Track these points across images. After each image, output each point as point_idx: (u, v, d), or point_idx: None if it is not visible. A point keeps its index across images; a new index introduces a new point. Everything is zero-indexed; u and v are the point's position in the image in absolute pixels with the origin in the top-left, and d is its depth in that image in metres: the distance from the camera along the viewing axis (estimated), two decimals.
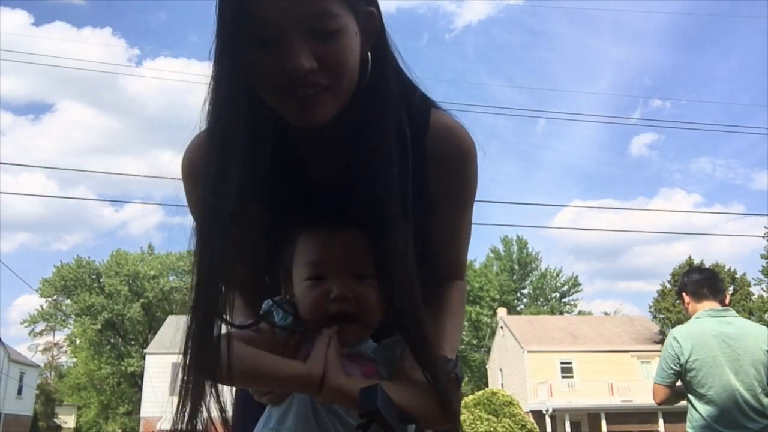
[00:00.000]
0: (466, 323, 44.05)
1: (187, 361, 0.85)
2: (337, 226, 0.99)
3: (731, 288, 30.91)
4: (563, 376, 30.40)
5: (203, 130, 0.96)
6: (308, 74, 0.87)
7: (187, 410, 0.85)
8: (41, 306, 44.76)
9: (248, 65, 0.89)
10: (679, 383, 3.30)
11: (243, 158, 0.90)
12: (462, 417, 21.08)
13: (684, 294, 3.45)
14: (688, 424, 3.26)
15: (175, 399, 0.86)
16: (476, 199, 1.14)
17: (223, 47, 0.90)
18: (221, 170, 0.89)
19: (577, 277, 51.91)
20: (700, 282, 3.41)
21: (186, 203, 1.10)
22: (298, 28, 0.87)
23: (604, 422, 27.74)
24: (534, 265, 51.95)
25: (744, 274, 32.97)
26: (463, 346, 45.74)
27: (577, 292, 51.48)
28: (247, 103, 0.90)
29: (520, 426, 20.79)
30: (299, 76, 0.87)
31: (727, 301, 3.40)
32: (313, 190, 1.04)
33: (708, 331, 3.21)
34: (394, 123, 0.96)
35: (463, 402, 22.73)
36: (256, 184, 0.96)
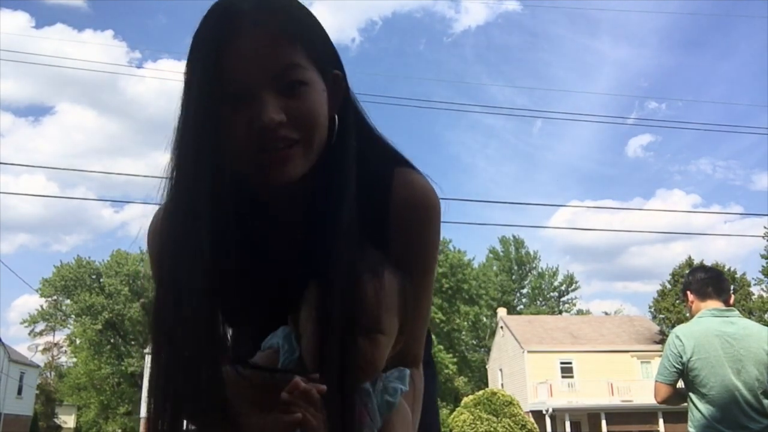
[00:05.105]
0: (465, 323, 44.06)
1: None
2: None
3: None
4: (563, 376, 30.41)
5: (166, 201, 0.95)
6: (278, 127, 0.87)
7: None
8: (41, 306, 44.90)
9: (216, 125, 0.88)
10: (680, 384, 3.30)
11: (211, 227, 0.88)
12: (462, 417, 21.09)
13: (688, 292, 3.44)
14: (689, 423, 3.25)
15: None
16: (476, 199, 1.10)
17: (192, 106, 0.88)
18: (190, 238, 0.87)
19: (573, 275, 51.98)
20: (705, 281, 3.40)
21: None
22: (268, 84, 0.87)
23: (604, 422, 27.74)
24: (533, 265, 51.97)
25: (744, 274, 33.02)
26: (463, 347, 45.74)
27: (574, 290, 51.54)
28: (213, 168, 0.89)
29: (520, 426, 20.78)
30: (270, 130, 0.87)
31: (731, 302, 3.38)
32: (268, 252, 1.02)
33: (711, 330, 3.20)
34: (353, 187, 0.94)
35: (463, 402, 22.72)
36: (223, 252, 0.92)
